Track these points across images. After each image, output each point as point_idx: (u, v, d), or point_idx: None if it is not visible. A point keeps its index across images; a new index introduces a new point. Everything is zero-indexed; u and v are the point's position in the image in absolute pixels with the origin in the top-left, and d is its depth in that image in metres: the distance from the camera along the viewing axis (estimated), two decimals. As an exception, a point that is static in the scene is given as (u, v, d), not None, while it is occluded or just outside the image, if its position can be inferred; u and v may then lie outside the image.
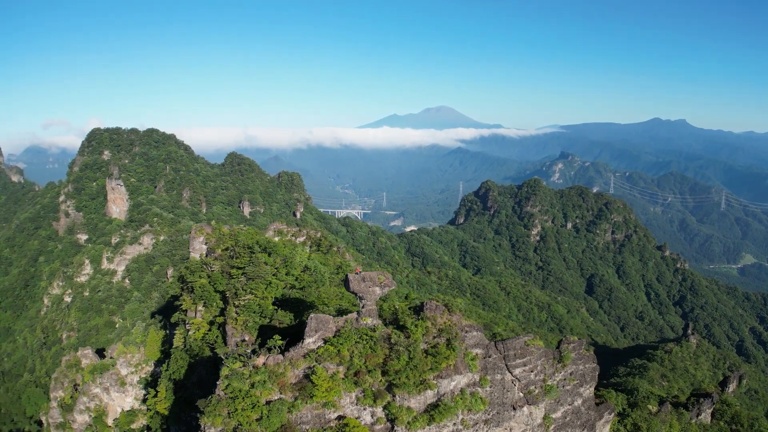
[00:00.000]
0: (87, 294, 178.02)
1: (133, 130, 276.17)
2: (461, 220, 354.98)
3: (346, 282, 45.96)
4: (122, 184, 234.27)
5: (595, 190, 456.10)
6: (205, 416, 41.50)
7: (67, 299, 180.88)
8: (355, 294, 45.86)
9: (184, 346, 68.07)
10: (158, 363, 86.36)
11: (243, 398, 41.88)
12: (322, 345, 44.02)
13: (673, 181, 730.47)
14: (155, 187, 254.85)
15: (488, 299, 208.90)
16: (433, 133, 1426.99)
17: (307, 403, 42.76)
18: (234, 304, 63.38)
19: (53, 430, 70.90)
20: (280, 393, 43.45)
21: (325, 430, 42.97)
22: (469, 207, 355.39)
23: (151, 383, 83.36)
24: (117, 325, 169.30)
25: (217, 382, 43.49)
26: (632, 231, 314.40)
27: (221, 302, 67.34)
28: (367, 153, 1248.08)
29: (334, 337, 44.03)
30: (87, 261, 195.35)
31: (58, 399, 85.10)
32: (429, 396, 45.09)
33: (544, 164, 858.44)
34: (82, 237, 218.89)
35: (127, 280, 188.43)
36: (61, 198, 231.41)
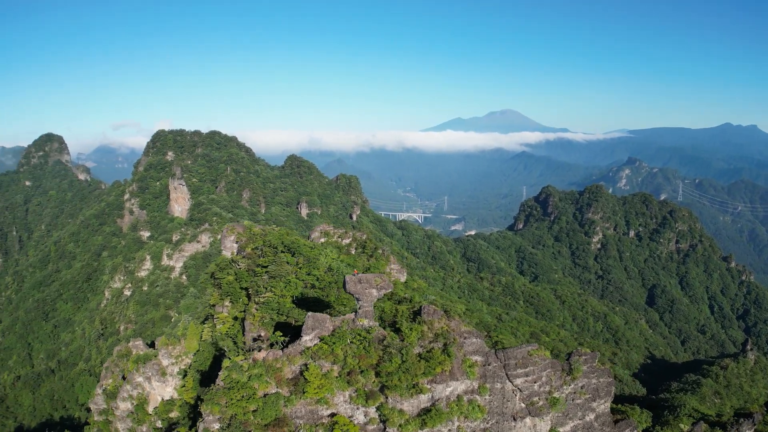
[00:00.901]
0: (146, 288, 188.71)
1: (196, 132, 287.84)
2: (520, 226, 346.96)
3: (344, 283, 46.88)
4: (184, 184, 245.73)
5: (662, 198, 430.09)
6: (204, 404, 43.88)
7: (127, 293, 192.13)
8: (352, 295, 46.63)
9: (211, 339, 71.65)
10: (196, 355, 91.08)
11: (239, 389, 43.86)
12: (318, 343, 45.22)
13: (743, 188, 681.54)
14: (216, 187, 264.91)
15: (542, 307, 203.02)
16: (497, 137, 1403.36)
17: (301, 398, 44.06)
18: (255, 300, 65.99)
19: (96, 416, 76.30)
20: (277, 387, 45.07)
21: (316, 426, 44.11)
22: (529, 212, 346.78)
23: (187, 374, 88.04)
24: (172, 319, 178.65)
25: (219, 373, 45.81)
26: (697, 241, 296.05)
27: (246, 299, 70.29)
28: (430, 156, 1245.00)
29: (329, 336, 45.10)
30: (148, 257, 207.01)
31: (104, 386, 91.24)
32: (423, 400, 45.01)
33: (610, 170, 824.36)
34: (145, 234, 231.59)
35: (184, 276, 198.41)
36: (126, 196, 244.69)
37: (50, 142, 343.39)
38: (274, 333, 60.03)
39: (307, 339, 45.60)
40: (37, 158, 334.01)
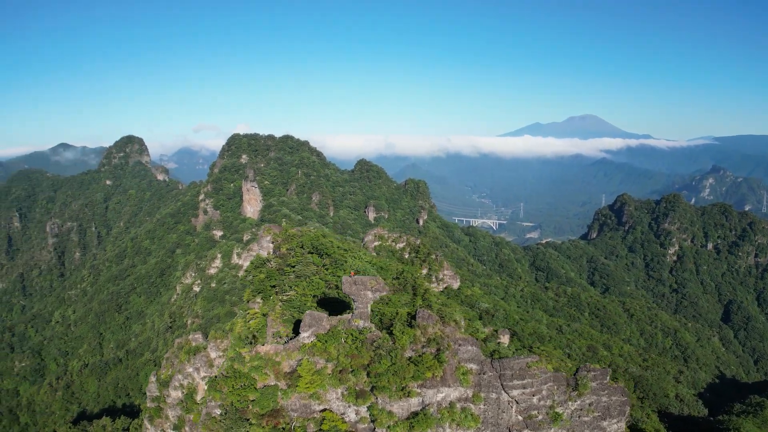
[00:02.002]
0: (214, 285, 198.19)
1: (270, 136, 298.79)
2: (593, 235, 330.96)
3: (343, 284, 48.27)
4: (257, 186, 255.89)
5: (746, 209, 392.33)
6: (207, 390, 47.12)
7: (196, 289, 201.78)
8: (348, 296, 47.92)
9: (244, 334, 75.78)
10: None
11: (240, 379, 46.68)
12: (314, 340, 46.98)
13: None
14: (287, 190, 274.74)
15: (608, 320, 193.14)
16: (576, 142, 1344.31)
17: (295, 392, 46.05)
18: (279, 298, 69.09)
19: (149, 403, 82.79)
20: (275, 380, 47.41)
21: (308, 419, 45.86)
22: (603, 221, 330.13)
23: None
24: (236, 316, 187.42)
25: (222, 362, 48.89)
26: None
27: (275, 296, 73.73)
28: (506, 162, 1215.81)
29: (324, 334, 46.72)
30: (219, 255, 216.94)
31: (158, 375, 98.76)
32: (413, 403, 45.38)
33: (693, 178, 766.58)
34: (218, 233, 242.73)
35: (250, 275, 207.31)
36: (201, 197, 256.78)
37: (131, 144, 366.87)
38: (293, 330, 62.89)
39: (305, 336, 47.57)
40: (117, 159, 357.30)
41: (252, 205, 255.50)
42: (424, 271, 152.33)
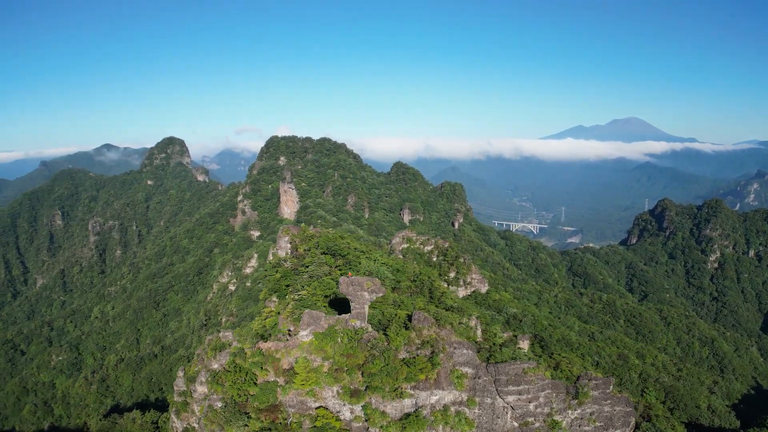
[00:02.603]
0: (249, 284, 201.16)
1: (308, 139, 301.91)
2: (633, 241, 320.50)
3: (341, 284, 49.14)
4: (294, 187, 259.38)
5: None
6: (209, 384, 48.91)
7: (232, 287, 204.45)
8: (346, 296, 48.72)
9: (260, 331, 77.90)
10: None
11: (236, 373, 48.24)
12: (311, 339, 48.00)
13: None
14: (323, 191, 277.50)
15: (643, 328, 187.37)
16: (620, 146, 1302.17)
17: (292, 388, 47.19)
18: (292, 297, 70.71)
19: (176, 397, 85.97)
20: (275, 376, 48.70)
21: (304, 416, 46.89)
22: (643, 227, 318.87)
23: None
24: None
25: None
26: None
27: (290, 295, 75.45)
28: (548, 165, 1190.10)
29: (321, 333, 47.67)
30: (255, 255, 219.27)
31: (186, 371, 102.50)
32: (406, 405, 45.73)
33: (738, 183, 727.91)
34: (255, 233, 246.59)
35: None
36: (239, 198, 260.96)
37: (172, 145, 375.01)
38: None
39: (304, 334, 48.67)
40: (159, 159, 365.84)
41: (289, 206, 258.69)
42: (452, 275, 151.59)
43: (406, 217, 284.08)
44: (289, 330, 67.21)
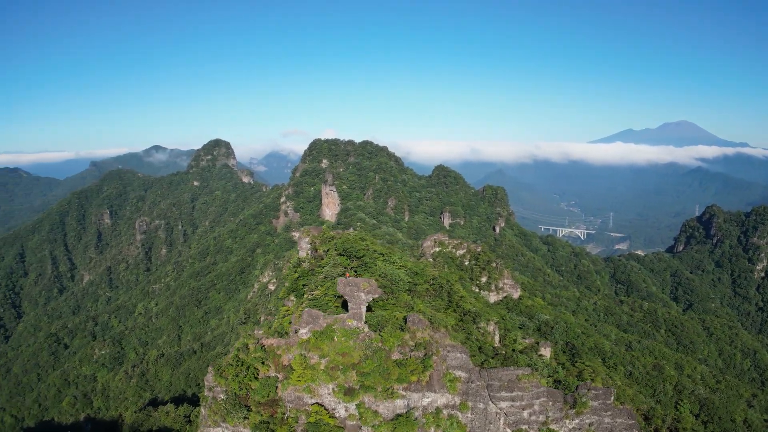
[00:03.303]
0: (287, 284, 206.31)
1: (350, 142, 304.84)
2: (680, 248, 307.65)
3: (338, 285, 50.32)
4: (335, 190, 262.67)
5: None
6: (213, 376, 51.13)
7: (271, 287, 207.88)
8: (343, 296, 49.82)
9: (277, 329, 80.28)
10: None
11: (238, 366, 50.20)
12: (310, 336, 49.37)
13: None
14: (364, 194, 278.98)
15: (684, 338, 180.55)
16: (670, 150, 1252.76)
17: (290, 384, 48.69)
18: (306, 297, 72.52)
19: (206, 392, 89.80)
20: (276, 371, 50.37)
21: (300, 411, 48.27)
22: (690, 234, 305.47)
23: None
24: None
25: (230, 351, 52.70)
26: None
27: (307, 294, 77.35)
28: (596, 170, 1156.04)
29: (318, 332, 48.97)
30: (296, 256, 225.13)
31: (216, 366, 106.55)
32: (398, 405, 46.28)
33: None
34: (297, 234, 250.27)
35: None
36: (282, 199, 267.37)
37: (218, 147, 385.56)
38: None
39: (303, 332, 50.14)
40: (205, 161, 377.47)
41: (330, 208, 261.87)
42: (484, 279, 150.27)
43: (447, 221, 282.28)
44: (296, 328, 69.22)
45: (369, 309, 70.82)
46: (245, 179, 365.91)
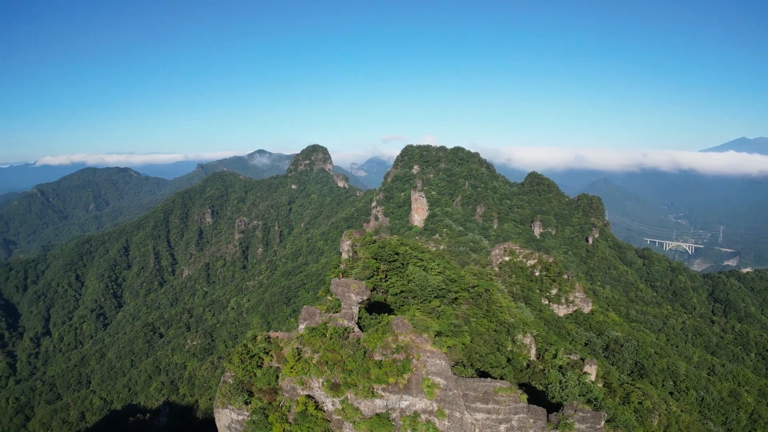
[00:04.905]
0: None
1: (441, 148, 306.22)
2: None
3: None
4: (423, 195, 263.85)
5: None
6: (225, 363, 56.35)
7: None
8: (336, 296, 52.46)
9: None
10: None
11: (248, 357, 54.77)
12: (305, 332, 52.67)
13: None
14: (453, 200, 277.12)
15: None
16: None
17: (286, 375, 52.32)
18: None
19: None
20: (277, 362, 54.36)
21: (293, 401, 51.66)
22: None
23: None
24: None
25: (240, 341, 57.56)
26: None
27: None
28: (707, 180, 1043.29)
29: (312, 328, 52.08)
30: None
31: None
32: (378, 405, 47.78)
33: None
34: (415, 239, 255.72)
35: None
36: (374, 204, 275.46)
37: (316, 152, 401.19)
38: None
39: (301, 327, 53.62)
40: (303, 165, 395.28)
41: (419, 213, 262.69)
42: (554, 291, 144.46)
43: (537, 230, 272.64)
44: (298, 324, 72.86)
45: (390, 312, 72.89)
46: (340, 183, 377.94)
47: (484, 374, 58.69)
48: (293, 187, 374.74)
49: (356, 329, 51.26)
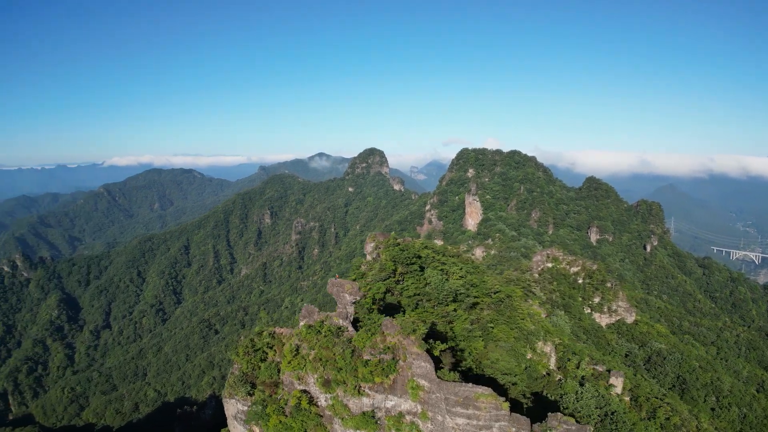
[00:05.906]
0: None
1: (497, 151, 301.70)
2: None
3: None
4: (478, 199, 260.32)
5: None
6: (231, 354, 59.70)
7: None
8: (332, 296, 54.34)
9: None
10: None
11: (252, 350, 57.88)
12: (303, 329, 54.92)
13: None
14: (508, 205, 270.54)
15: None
16: None
17: (285, 369, 54.80)
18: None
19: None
20: (279, 357, 57.04)
21: (290, 395, 54.03)
22: None
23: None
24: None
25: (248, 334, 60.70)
26: None
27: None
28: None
29: (309, 326, 54.23)
30: None
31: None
32: (365, 403, 49.07)
33: None
34: (438, 242, 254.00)
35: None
36: (428, 207, 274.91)
37: (372, 155, 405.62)
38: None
39: (300, 325, 55.93)
40: (360, 168, 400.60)
41: (473, 218, 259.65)
42: (596, 300, 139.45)
43: (594, 237, 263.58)
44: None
45: (404, 312, 73.90)
46: (396, 187, 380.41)
47: (477, 380, 58.50)
48: (350, 189, 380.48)
49: (350, 328, 52.87)
